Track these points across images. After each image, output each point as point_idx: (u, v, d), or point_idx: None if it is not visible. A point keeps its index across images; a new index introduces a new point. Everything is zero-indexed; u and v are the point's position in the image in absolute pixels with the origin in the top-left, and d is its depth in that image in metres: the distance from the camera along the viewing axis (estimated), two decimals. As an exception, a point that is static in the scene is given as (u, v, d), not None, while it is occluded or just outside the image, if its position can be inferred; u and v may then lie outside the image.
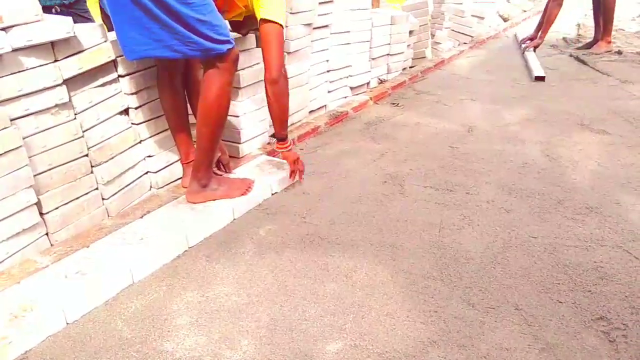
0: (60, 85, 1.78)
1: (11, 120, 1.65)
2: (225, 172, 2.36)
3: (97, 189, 2.00)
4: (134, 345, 1.48)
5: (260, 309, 1.61)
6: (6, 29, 1.59)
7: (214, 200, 2.11)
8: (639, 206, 2.17)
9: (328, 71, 3.24)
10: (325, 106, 3.32)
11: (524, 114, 3.32)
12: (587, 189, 2.32)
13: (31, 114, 1.72)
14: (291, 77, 2.86)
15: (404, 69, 4.11)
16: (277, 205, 2.23)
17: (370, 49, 3.58)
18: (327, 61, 3.19)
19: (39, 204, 1.79)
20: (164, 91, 2.11)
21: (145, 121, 2.15)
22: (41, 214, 1.82)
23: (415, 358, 1.41)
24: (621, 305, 1.59)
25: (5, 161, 1.64)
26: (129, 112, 2.11)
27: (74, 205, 1.92)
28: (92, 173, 1.97)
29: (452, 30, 5.33)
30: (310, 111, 3.17)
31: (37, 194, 1.77)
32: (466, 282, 1.72)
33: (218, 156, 2.31)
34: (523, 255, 1.86)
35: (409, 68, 4.21)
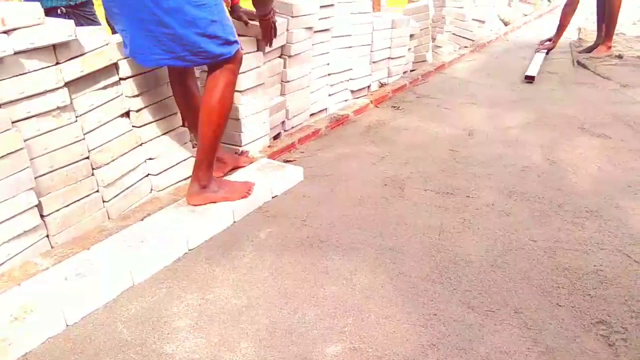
0: (62, 88, 1.79)
1: (12, 123, 1.65)
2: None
3: (97, 191, 2.01)
4: (134, 348, 1.48)
5: (259, 312, 1.61)
6: (8, 31, 1.60)
7: (214, 203, 2.11)
8: (639, 210, 2.17)
9: (329, 74, 3.24)
10: (326, 109, 3.32)
11: (524, 117, 3.32)
12: (587, 192, 2.32)
13: (32, 116, 1.73)
14: (292, 80, 2.88)
15: (404, 72, 4.11)
16: (278, 208, 2.23)
17: (371, 52, 3.58)
18: (328, 64, 3.20)
19: (39, 206, 1.80)
20: (176, 90, 2.20)
21: (146, 124, 2.16)
22: (42, 216, 1.82)
23: (414, 361, 1.41)
24: (621, 309, 1.59)
25: (6, 163, 1.64)
26: (130, 115, 2.11)
27: (74, 207, 1.92)
28: (93, 175, 1.98)
29: (453, 34, 5.33)
30: (311, 114, 3.18)
31: (38, 196, 1.78)
32: (466, 285, 1.72)
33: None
34: (523, 258, 1.86)
35: (409, 71, 4.21)
